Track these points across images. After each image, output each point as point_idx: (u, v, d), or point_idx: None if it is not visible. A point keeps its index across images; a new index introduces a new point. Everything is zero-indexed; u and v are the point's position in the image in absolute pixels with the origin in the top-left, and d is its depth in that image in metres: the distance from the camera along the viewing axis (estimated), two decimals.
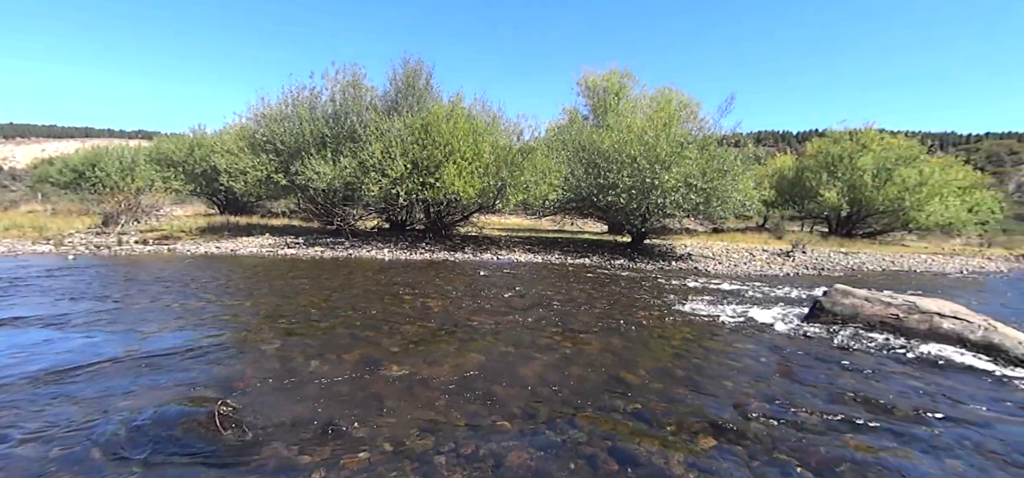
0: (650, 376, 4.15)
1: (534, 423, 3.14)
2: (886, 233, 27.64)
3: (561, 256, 13.67)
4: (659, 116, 13.51)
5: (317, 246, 13.18)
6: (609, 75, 18.05)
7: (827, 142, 26.99)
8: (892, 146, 25.22)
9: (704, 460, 2.77)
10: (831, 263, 16.72)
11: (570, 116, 17.54)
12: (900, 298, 6.35)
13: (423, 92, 15.07)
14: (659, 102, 15.24)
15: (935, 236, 29.07)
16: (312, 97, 14.81)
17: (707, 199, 12.98)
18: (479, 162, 12.91)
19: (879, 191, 24.27)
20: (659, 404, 3.55)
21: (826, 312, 6.61)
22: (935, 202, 24.00)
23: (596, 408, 3.42)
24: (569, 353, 4.70)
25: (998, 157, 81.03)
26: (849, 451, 2.96)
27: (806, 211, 27.63)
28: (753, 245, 19.37)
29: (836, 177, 25.12)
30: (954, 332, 5.60)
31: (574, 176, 13.88)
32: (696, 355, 4.88)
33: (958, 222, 25.71)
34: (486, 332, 5.33)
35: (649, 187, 12.66)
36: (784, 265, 15.01)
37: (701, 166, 12.93)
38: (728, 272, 12.57)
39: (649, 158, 12.64)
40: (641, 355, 4.78)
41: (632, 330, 5.78)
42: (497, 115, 14.48)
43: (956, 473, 2.76)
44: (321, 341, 4.76)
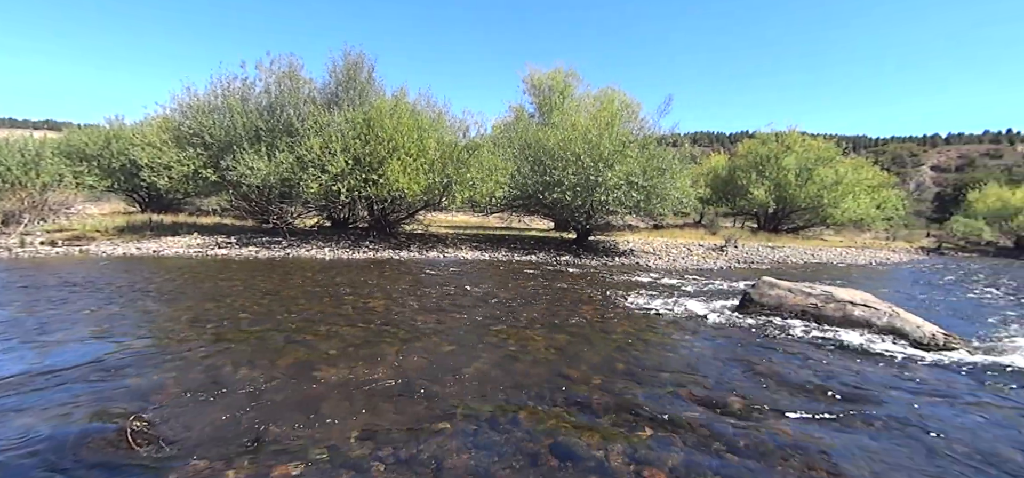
0: (592, 370, 4.23)
1: (476, 423, 3.11)
2: (807, 228, 29.87)
3: (508, 253, 13.72)
4: (602, 115, 13.87)
5: (251, 246, 12.48)
6: (554, 74, 18.31)
7: (756, 143, 28.76)
8: (812, 147, 27.27)
9: (642, 450, 2.85)
10: (760, 257, 17.85)
11: (516, 114, 17.65)
12: (818, 289, 6.86)
13: (365, 86, 14.61)
14: (602, 102, 15.64)
15: (849, 231, 31.76)
16: (244, 88, 13.97)
17: (648, 197, 13.46)
18: (424, 159, 12.70)
19: (801, 189, 26.19)
20: (601, 397, 3.62)
21: (754, 303, 7.03)
22: (849, 199, 26.23)
23: (539, 404, 3.45)
24: (514, 350, 4.71)
25: (901, 158, 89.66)
26: (774, 435, 3.15)
27: (738, 208, 29.33)
28: (691, 240, 20.33)
29: (764, 176, 26.83)
30: (864, 319, 6.12)
31: (521, 174, 13.96)
32: (636, 348, 5.04)
33: (868, 218, 28.22)
34: (430, 331, 5.24)
35: (593, 184, 12.95)
36: (718, 259, 15.86)
37: (642, 165, 13.38)
38: (667, 267, 13.11)
39: (593, 156, 12.93)
40: (584, 350, 4.87)
41: (576, 325, 5.89)
42: (442, 111, 14.30)
43: (866, 449, 3.01)
44: (252, 347, 4.49)
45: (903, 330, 5.80)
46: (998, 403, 3.89)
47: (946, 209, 49.06)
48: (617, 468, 2.63)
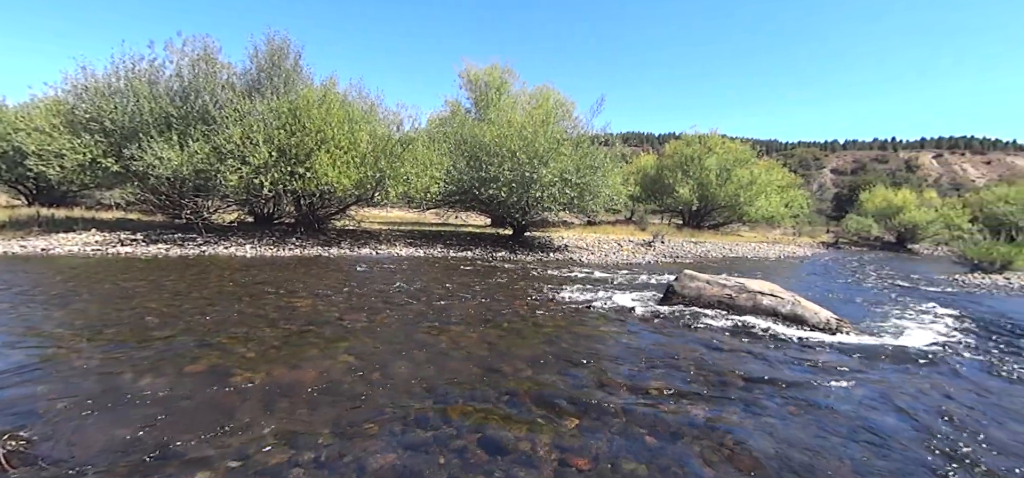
0: (523, 364, 4.29)
1: (404, 422, 3.05)
2: (726, 225, 32.10)
3: (444, 249, 13.58)
4: (537, 113, 14.08)
5: (161, 243, 11.46)
6: (491, 70, 18.31)
7: (681, 144, 30.47)
8: (731, 150, 29.32)
9: (568, 439, 2.94)
10: (684, 251, 18.94)
11: (452, 108, 17.46)
12: (733, 281, 7.39)
13: (291, 73, 13.83)
14: (538, 99, 15.88)
15: (762, 227, 34.54)
16: (152, 70, 12.75)
17: (581, 193, 13.84)
18: (355, 152, 12.25)
19: (721, 189, 28.10)
20: (530, 390, 3.68)
21: (677, 295, 7.44)
22: (762, 199, 28.52)
23: (469, 400, 3.44)
24: (445, 347, 4.67)
25: (806, 162, 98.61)
26: (689, 417, 3.36)
27: (665, 205, 30.94)
28: (622, 236, 21.16)
29: (688, 176, 28.49)
30: (771, 307, 6.67)
31: (456, 169, 13.86)
32: (566, 340, 5.17)
33: (778, 215, 30.82)
34: (358, 331, 5.07)
35: (528, 181, 13.11)
36: (646, 254, 16.64)
37: (575, 162, 13.73)
38: (599, 262, 13.56)
39: (528, 153, 13.09)
40: (515, 344, 4.93)
41: (509, 320, 5.94)
42: (375, 103, 13.86)
43: (768, 425, 3.28)
44: (157, 353, 4.12)
45: (803, 317, 6.38)
46: (877, 378, 4.39)
47: (843, 208, 54.47)
48: (543, 458, 2.68)
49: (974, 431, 3.35)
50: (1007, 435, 3.35)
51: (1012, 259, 16.94)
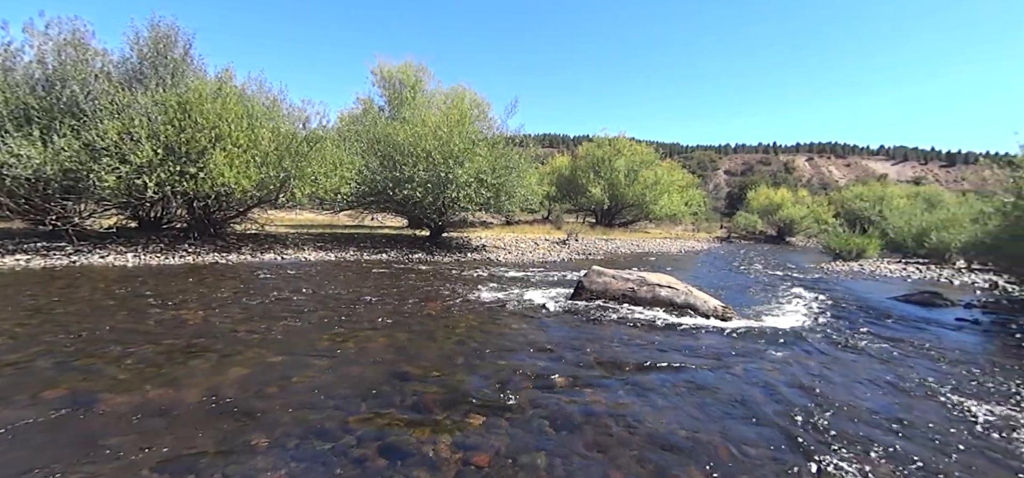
0: (431, 366, 4.30)
1: (300, 435, 2.93)
2: (635, 223, 34.16)
3: (357, 252, 13.11)
4: (453, 113, 14.03)
5: (19, 253, 9.91)
6: (405, 67, 17.94)
7: (593, 146, 31.93)
8: (638, 152, 31.24)
9: (472, 437, 3.00)
10: (596, 248, 19.87)
11: (365, 106, 16.85)
12: (635, 275, 7.91)
13: (180, 63, 12.57)
14: (453, 99, 15.83)
15: (666, 224, 37.20)
16: (7, 55, 10.99)
17: (497, 194, 14.02)
18: (256, 150, 11.44)
19: (630, 188, 29.85)
20: (437, 392, 3.70)
21: (585, 290, 7.82)
22: (665, 198, 30.74)
23: (373, 406, 3.39)
24: (351, 354, 4.54)
25: (704, 163, 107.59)
26: (590, 405, 3.57)
27: (579, 205, 32.25)
28: (538, 235, 21.74)
29: (600, 176, 29.93)
30: (668, 298, 7.23)
31: (369, 169, 13.42)
32: (477, 340, 5.25)
33: (679, 213, 33.39)
34: (255, 342, 4.77)
35: (444, 181, 13.05)
36: (561, 252, 17.25)
37: (491, 163, 13.88)
38: (516, 260, 13.85)
39: (444, 153, 13.02)
40: (425, 347, 4.91)
41: (420, 323, 5.90)
42: (278, 99, 13.01)
43: (661, 407, 3.58)
44: (6, 379, 3.60)
45: (696, 305, 7.01)
46: (753, 357, 4.95)
47: (734, 205, 60.17)
48: (445, 458, 2.72)
49: (826, 396, 3.91)
50: (851, 397, 3.94)
51: (864, 248, 19.76)
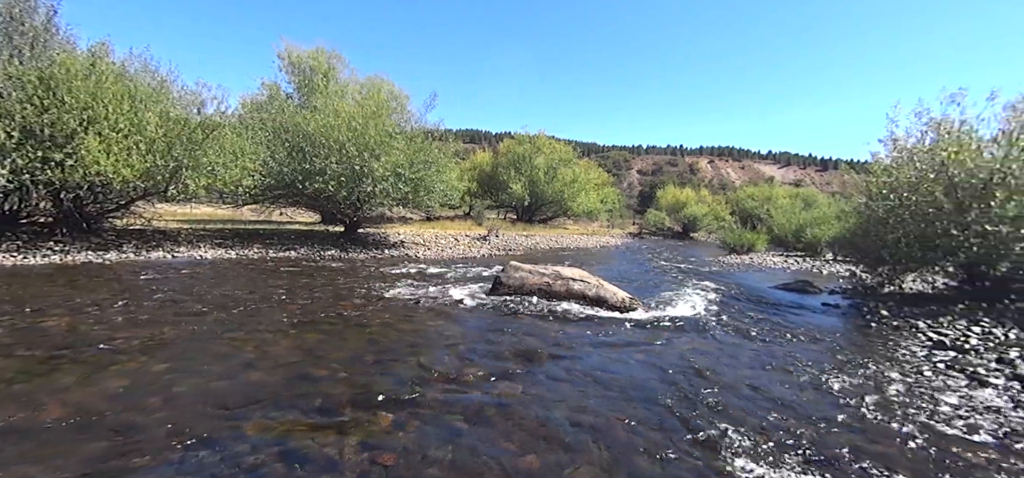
0: (340, 366, 4.11)
1: (185, 448, 2.67)
2: (554, 219, 35.14)
3: (262, 250, 12.20)
4: (368, 104, 13.48)
5: None
6: (316, 53, 16.87)
7: (514, 143, 32.38)
8: (557, 150, 32.15)
9: (380, 437, 2.91)
10: (517, 244, 20.16)
11: (270, 92, 15.62)
12: (550, 269, 8.13)
13: (41, 34, 10.86)
14: (369, 90, 15.22)
15: (583, 221, 38.70)
16: None
17: (415, 189, 13.73)
18: (141, 137, 10.22)
19: (549, 186, 30.64)
20: (345, 392, 3.55)
21: (503, 285, 7.90)
22: (582, 195, 31.95)
23: (273, 412, 3.17)
24: (250, 358, 4.21)
25: (618, 163, 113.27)
26: (502, 398, 3.61)
27: (500, 201, 32.57)
28: (459, 231, 21.63)
29: (520, 173, 30.41)
30: (581, 291, 7.51)
31: (276, 160, 12.52)
32: (391, 337, 5.10)
33: (596, 210, 34.88)
34: (134, 350, 4.26)
35: (360, 175, 12.53)
36: (482, 248, 17.29)
37: (409, 157, 13.56)
38: (435, 257, 13.66)
39: (359, 146, 12.49)
40: (334, 347, 4.68)
41: (331, 322, 5.62)
42: (167, 79, 11.70)
43: (567, 395, 3.70)
44: None
45: (606, 298, 7.35)
46: (656, 345, 5.29)
47: (646, 203, 64.10)
48: (350, 460, 2.62)
49: (713, 375, 4.27)
50: (734, 375, 4.34)
51: (754, 243, 21.91)
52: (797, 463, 2.82)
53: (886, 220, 8.86)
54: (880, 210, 9.06)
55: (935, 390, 4.18)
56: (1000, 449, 3.11)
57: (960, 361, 5.06)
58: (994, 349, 5.47)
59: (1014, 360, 5.02)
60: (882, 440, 3.18)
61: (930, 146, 8.53)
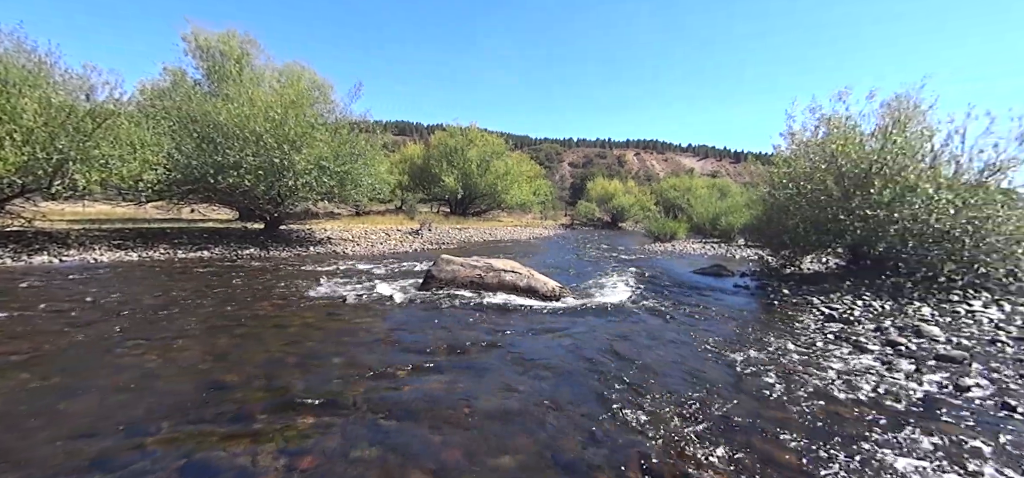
0: (257, 371, 3.88)
1: (75, 471, 2.41)
2: (488, 212, 35.21)
3: (169, 250, 11.20)
4: (288, 93, 12.70)
5: None
6: (227, 37, 15.56)
7: (446, 136, 31.99)
8: (489, 142, 32.18)
9: (299, 441, 2.79)
10: (450, 237, 20.00)
11: (174, 78, 14.21)
12: (482, 261, 8.15)
13: None
14: (288, 78, 14.33)
15: (517, 213, 39.10)
16: None
17: (342, 182, 13.18)
18: (15, 125, 8.98)
19: (482, 178, 30.63)
20: (262, 399, 3.36)
21: (435, 279, 7.82)
22: (515, 187, 32.26)
23: (177, 425, 2.93)
24: (152, 368, 3.87)
25: (550, 155, 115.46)
26: (430, 392, 3.58)
27: (433, 194, 32.08)
28: (390, 226, 21.09)
29: (453, 166, 30.13)
30: (512, 282, 7.61)
31: (182, 152, 11.48)
32: (313, 338, 4.89)
33: (529, 202, 35.40)
34: (9, 367, 3.77)
35: (279, 169, 11.82)
36: (414, 242, 16.98)
37: (334, 149, 12.98)
38: (364, 252, 13.23)
39: (278, 137, 11.76)
40: (251, 351, 4.41)
41: (247, 325, 5.28)
42: (46, 61, 10.34)
43: (495, 384, 3.74)
44: None
45: (536, 288, 7.49)
46: (583, 331, 5.47)
47: (577, 195, 65.81)
48: (265, 467, 2.49)
49: (634, 356, 4.50)
50: (654, 357, 4.60)
51: (676, 231, 23.25)
52: (704, 432, 3.05)
53: (786, 207, 9.74)
54: (781, 198, 9.95)
55: (825, 358, 4.68)
56: (875, 405, 3.54)
57: (846, 331, 5.69)
58: (873, 319, 6.21)
59: (887, 328, 5.73)
60: (779, 406, 3.51)
61: (822, 139, 9.48)
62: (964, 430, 3.14)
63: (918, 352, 4.82)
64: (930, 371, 4.27)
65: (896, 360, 4.58)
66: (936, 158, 8.81)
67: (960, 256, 7.59)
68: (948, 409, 3.47)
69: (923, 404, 3.57)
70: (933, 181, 8.17)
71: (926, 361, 4.55)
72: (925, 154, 8.79)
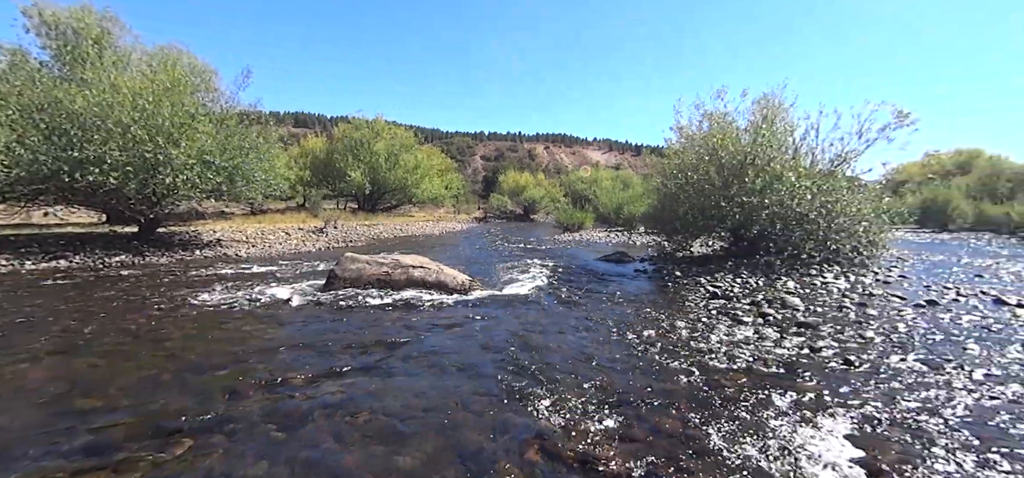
0: (123, 393, 3.43)
1: None
2: (398, 207, 34.24)
3: (13, 260, 9.52)
4: (161, 78, 11.27)
5: None
6: (82, 12, 13.30)
7: (351, 128, 30.52)
8: (398, 136, 31.24)
9: (173, 467, 2.51)
10: (358, 235, 19.18)
11: (14, 59, 11.88)
12: (390, 258, 7.90)
13: None
14: (162, 62, 12.69)
15: (429, 207, 38.51)
16: None
17: (230, 178, 12.04)
18: None
19: (391, 172, 29.69)
20: (130, 424, 2.97)
21: (338, 279, 7.44)
22: (426, 181, 31.68)
23: (17, 464, 2.50)
24: None
25: (462, 149, 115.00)
26: (328, 398, 3.39)
27: (339, 190, 30.51)
28: (291, 225, 19.71)
29: (360, 160, 28.85)
30: (421, 278, 7.47)
31: (26, 145, 9.75)
32: (196, 350, 4.43)
33: (441, 196, 34.96)
34: None
35: (153, 164, 10.51)
36: (318, 241, 16.04)
37: (220, 142, 11.82)
38: (261, 255, 12.25)
39: (150, 129, 10.43)
40: (118, 370, 3.89)
41: (115, 341, 4.65)
42: None
43: (399, 386, 3.65)
44: None
45: (446, 282, 7.42)
46: (492, 323, 5.52)
47: (490, 188, 66.26)
48: None
49: (541, 344, 4.63)
50: (559, 342, 4.76)
51: (583, 221, 24.29)
52: (600, 409, 3.21)
53: (677, 196, 10.58)
54: (672, 188, 10.78)
55: (708, 331, 5.15)
56: (747, 371, 3.96)
57: (727, 307, 6.31)
58: (748, 294, 6.95)
59: (760, 301, 6.44)
60: (668, 378, 3.80)
61: (705, 133, 10.39)
62: (815, 385, 3.63)
63: (783, 321, 5.48)
64: (791, 336, 4.88)
65: (765, 329, 5.16)
66: (797, 150, 10.06)
67: (817, 236, 8.75)
68: (804, 368, 3.99)
69: (785, 365, 4.06)
70: (795, 170, 9.31)
71: (789, 328, 5.19)
72: (788, 147, 10.00)
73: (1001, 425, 2.98)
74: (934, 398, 3.36)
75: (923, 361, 4.09)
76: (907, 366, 3.99)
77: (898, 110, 9.20)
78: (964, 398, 3.36)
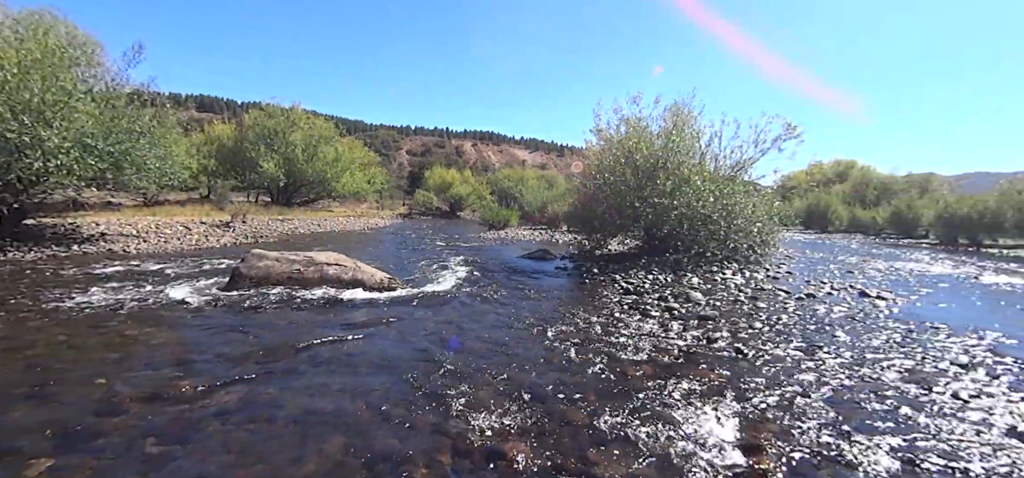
0: None
1: None
2: (317, 201, 32.58)
3: None
4: (29, 49, 9.79)
5: None
6: None
7: (264, 116, 28.52)
8: (316, 126, 29.67)
9: None
10: (270, 230, 17.97)
11: None
12: (301, 256, 7.48)
13: None
14: (31, 29, 11.02)
15: (351, 202, 36.98)
16: None
17: (117, 165, 10.77)
18: None
19: (309, 165, 28.13)
20: None
21: (243, 277, 6.92)
22: (347, 175, 30.39)
23: None
24: None
25: (387, 142, 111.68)
26: (220, 406, 3.13)
27: (251, 182, 28.39)
28: (193, 218, 18.04)
29: (274, 150, 27.05)
30: (336, 276, 7.15)
31: None
32: (65, 358, 3.91)
33: (363, 191, 33.72)
34: None
35: (19, 148, 9.13)
36: (223, 237, 14.81)
37: (105, 124, 10.52)
38: (154, 251, 11.08)
39: (13, 105, 9.04)
40: None
41: None
42: None
43: (305, 388, 3.45)
44: None
45: (364, 280, 7.17)
46: (411, 322, 5.41)
47: (416, 184, 64.92)
48: None
49: (460, 342, 4.60)
50: (476, 339, 4.77)
51: (508, 219, 24.56)
52: (513, 405, 3.26)
53: (595, 196, 11.00)
54: (591, 188, 11.20)
55: (619, 326, 5.41)
56: (651, 362, 4.21)
57: (638, 302, 6.66)
58: (657, 290, 7.40)
59: (667, 296, 6.88)
60: (579, 372, 3.94)
61: (622, 137, 10.91)
62: (710, 374, 3.93)
63: (686, 315, 5.89)
64: (692, 329, 5.26)
65: (670, 322, 5.52)
66: (703, 156, 10.87)
67: (719, 235, 9.51)
68: (701, 358, 4.31)
69: (685, 356, 4.37)
70: (701, 174, 10.05)
71: (690, 321, 5.59)
72: (696, 152, 10.78)
73: (858, 400, 3.42)
74: (807, 382, 3.78)
75: (800, 349, 4.59)
76: (787, 353, 4.45)
77: (787, 123, 10.25)
78: (830, 379, 3.81)
